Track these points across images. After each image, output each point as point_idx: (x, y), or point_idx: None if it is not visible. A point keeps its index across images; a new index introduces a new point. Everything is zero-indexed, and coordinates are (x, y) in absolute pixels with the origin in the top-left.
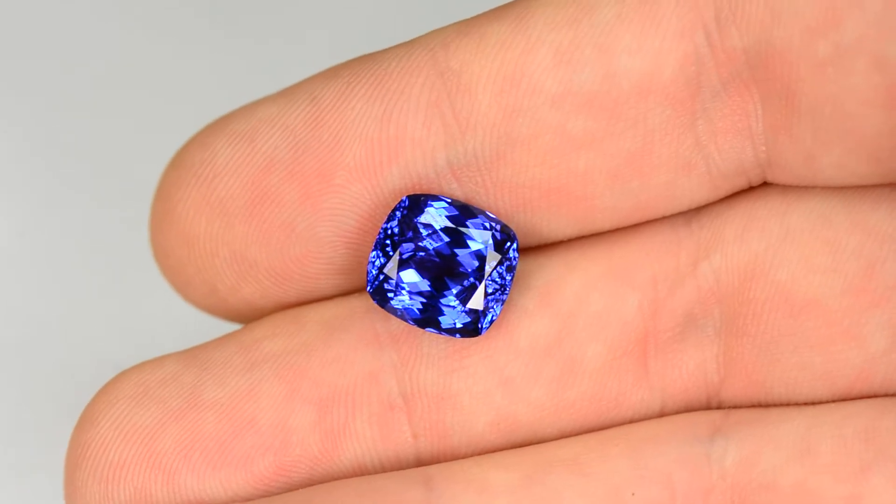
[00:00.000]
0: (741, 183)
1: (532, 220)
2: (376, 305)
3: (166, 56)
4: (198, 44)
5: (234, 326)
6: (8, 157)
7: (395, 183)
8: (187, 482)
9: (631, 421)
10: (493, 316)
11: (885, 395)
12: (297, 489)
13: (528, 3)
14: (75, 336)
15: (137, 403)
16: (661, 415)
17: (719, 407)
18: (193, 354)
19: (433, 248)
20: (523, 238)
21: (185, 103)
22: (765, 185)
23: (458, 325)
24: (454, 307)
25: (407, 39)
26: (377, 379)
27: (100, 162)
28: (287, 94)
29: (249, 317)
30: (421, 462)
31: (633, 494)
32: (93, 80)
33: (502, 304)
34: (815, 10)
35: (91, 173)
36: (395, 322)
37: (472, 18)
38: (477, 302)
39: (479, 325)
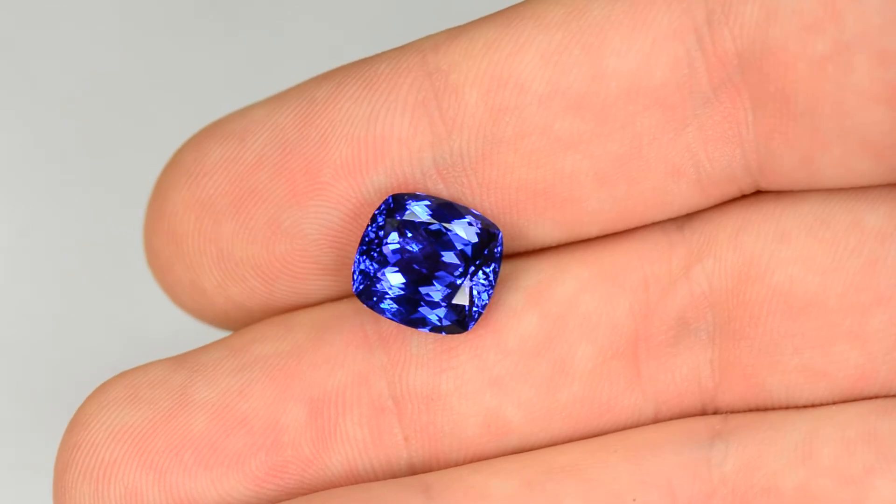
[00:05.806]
0: (732, 191)
1: (519, 223)
2: (364, 307)
3: (167, 55)
4: (199, 42)
5: (227, 334)
6: (8, 157)
7: (380, 182)
8: (179, 481)
9: (624, 426)
10: (478, 311)
11: (887, 396)
12: (290, 490)
13: (518, 6)
14: (75, 336)
15: (128, 405)
16: (655, 421)
17: (715, 412)
18: (182, 359)
19: (417, 248)
20: (510, 242)
21: (187, 103)
22: (757, 192)
23: (445, 324)
24: (440, 305)
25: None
26: (367, 381)
27: (100, 162)
28: (279, 97)
29: (238, 322)
30: (412, 465)
31: (634, 500)
32: (94, 80)
33: (488, 300)
34: (812, 6)
35: (91, 173)
36: (385, 323)
37: (464, 24)
38: (462, 299)
39: (466, 322)
